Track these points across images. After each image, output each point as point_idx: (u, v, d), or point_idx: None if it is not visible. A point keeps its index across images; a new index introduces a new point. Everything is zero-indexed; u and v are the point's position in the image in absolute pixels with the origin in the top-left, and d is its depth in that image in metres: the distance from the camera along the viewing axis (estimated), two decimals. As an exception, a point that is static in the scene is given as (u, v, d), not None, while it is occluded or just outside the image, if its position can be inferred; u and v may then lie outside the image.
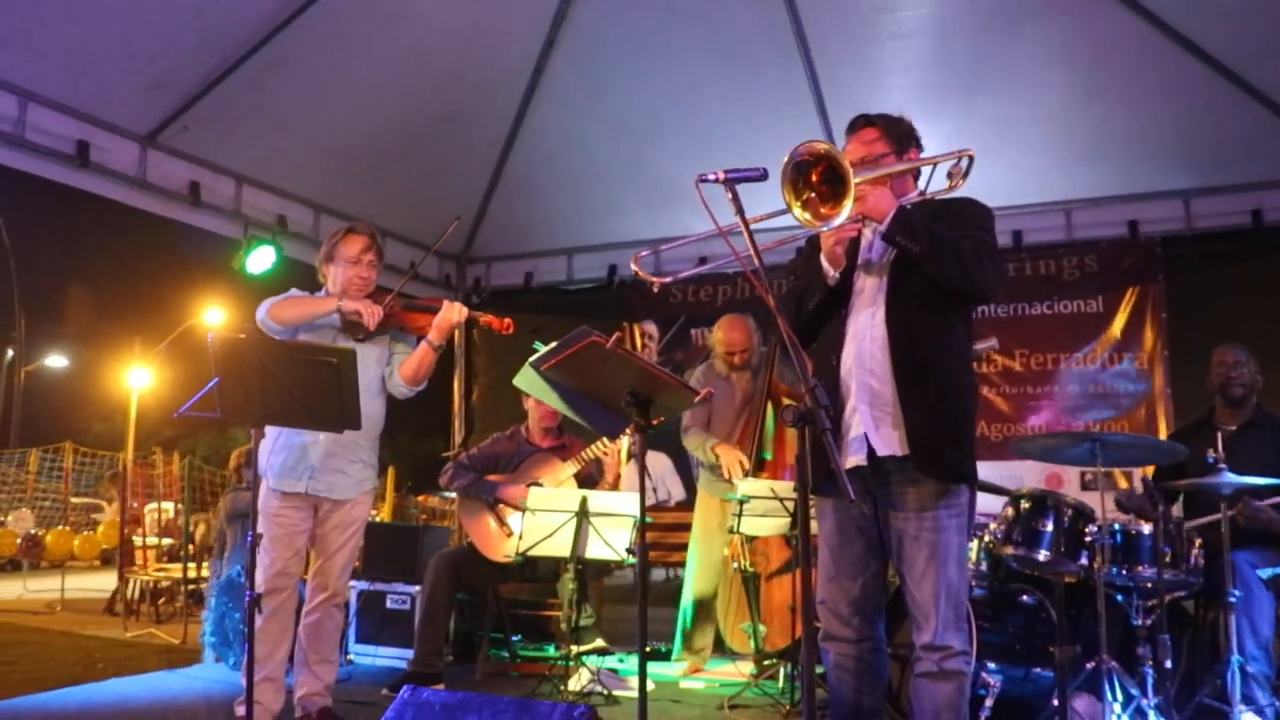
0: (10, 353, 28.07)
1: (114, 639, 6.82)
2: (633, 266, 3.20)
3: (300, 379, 3.30)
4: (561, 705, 2.74)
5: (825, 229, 2.71)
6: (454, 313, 4.03)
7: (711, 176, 2.54)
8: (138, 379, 27.30)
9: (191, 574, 7.61)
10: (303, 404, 3.33)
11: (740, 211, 2.50)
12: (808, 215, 2.64)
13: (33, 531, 14.80)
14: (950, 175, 2.96)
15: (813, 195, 2.65)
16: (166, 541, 11.04)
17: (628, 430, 3.84)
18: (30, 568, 12.66)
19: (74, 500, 17.84)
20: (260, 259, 5.98)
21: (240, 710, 3.77)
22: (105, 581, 10.57)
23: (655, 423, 3.30)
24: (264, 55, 5.24)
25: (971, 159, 2.93)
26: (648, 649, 2.79)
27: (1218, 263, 6.50)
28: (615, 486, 5.18)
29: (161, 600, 7.91)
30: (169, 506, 12.96)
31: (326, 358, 3.33)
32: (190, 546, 8.27)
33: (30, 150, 4.95)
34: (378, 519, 9.12)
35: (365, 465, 4.15)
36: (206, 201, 5.81)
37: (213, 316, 25.25)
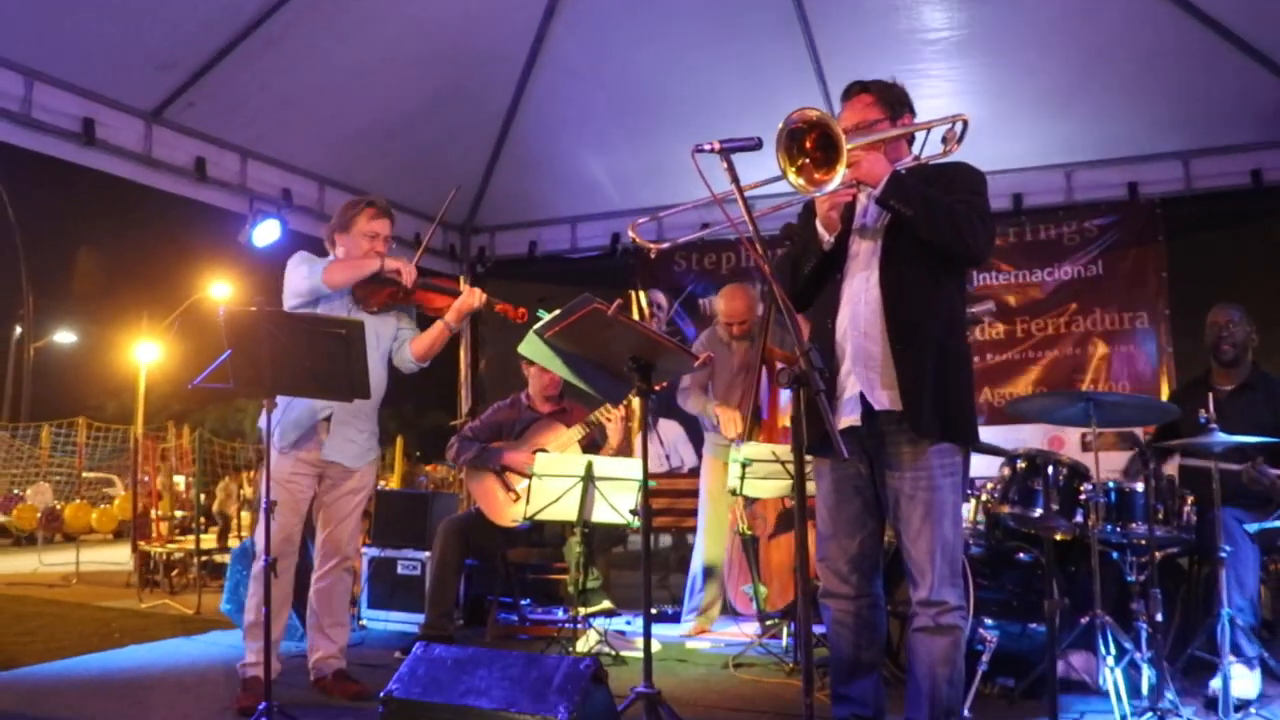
0: (19, 329, 28.26)
1: (129, 610, 6.90)
2: (630, 233, 3.25)
3: (310, 349, 3.37)
4: (568, 658, 2.82)
5: (820, 194, 2.76)
6: (474, 299, 4.17)
7: (707, 146, 2.59)
8: (146, 353, 27.54)
9: (205, 544, 7.71)
10: (312, 374, 3.41)
11: (735, 180, 2.55)
12: (802, 181, 2.69)
13: (52, 505, 14.99)
14: (944, 140, 3.00)
15: (807, 161, 2.68)
16: (180, 514, 11.16)
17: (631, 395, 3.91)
18: (45, 541, 12.80)
19: (86, 475, 18.02)
20: (265, 233, 6.03)
21: (245, 673, 3.91)
22: (119, 554, 10.68)
23: (658, 388, 3.38)
24: (267, 30, 5.26)
25: (965, 124, 2.97)
26: (655, 612, 2.87)
27: (1217, 223, 6.52)
28: (620, 451, 5.25)
29: (175, 572, 8.02)
30: (180, 480, 13.11)
31: (335, 329, 3.40)
32: (202, 520, 8.36)
33: (36, 128, 4.99)
34: (387, 487, 9.22)
35: (371, 434, 4.25)
36: (212, 177, 5.84)
37: (219, 290, 25.41)
